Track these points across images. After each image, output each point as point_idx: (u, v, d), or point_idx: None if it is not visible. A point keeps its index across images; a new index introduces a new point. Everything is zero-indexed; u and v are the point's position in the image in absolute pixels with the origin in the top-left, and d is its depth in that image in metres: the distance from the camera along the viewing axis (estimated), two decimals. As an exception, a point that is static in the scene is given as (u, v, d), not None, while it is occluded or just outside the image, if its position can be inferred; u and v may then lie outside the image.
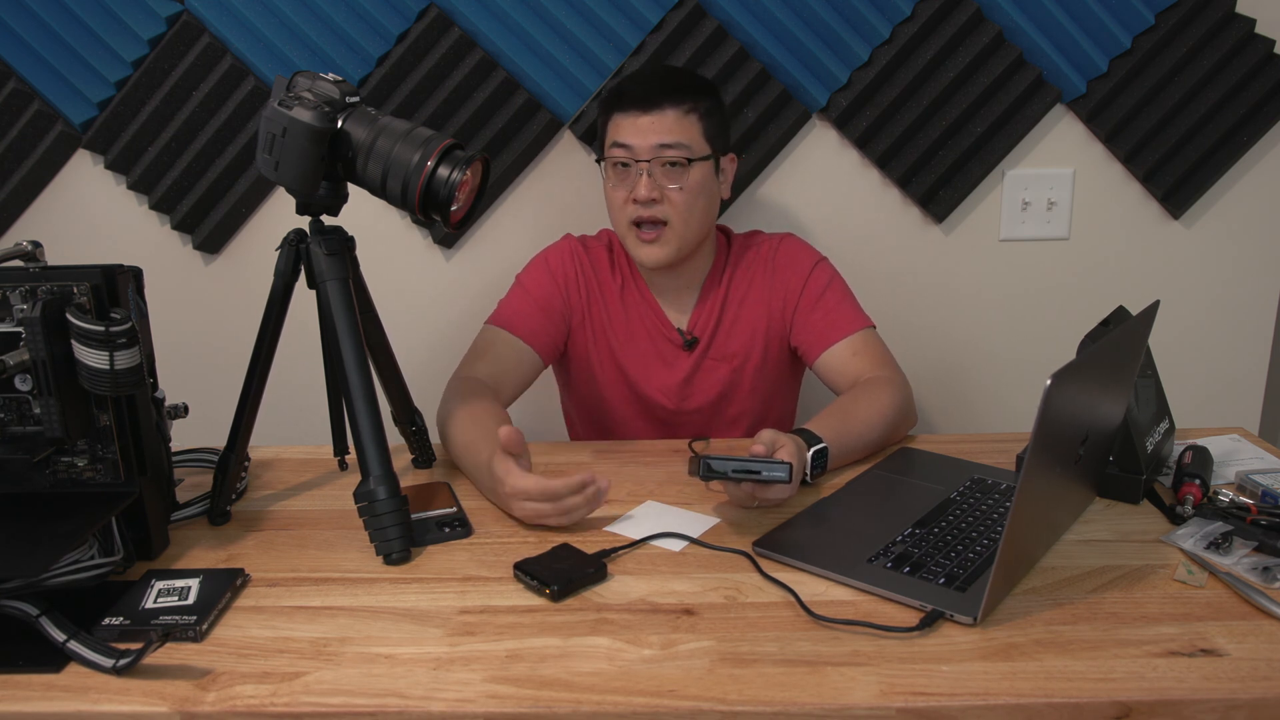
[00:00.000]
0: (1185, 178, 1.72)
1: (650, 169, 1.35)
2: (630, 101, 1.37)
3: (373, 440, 1.04)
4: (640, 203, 1.36)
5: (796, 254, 1.48)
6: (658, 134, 1.35)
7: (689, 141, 1.36)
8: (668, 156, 1.35)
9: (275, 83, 1.03)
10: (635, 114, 1.36)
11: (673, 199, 1.36)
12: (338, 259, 1.07)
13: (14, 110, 1.67)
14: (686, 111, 1.36)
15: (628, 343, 1.49)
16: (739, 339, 1.48)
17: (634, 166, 1.37)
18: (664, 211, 1.37)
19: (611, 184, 1.40)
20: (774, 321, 1.47)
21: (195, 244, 1.75)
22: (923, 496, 1.12)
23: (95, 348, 0.92)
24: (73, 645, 0.84)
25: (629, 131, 1.36)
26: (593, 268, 1.49)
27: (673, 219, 1.37)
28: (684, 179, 1.37)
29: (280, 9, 1.63)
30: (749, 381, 1.49)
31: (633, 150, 1.36)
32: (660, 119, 1.35)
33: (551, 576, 0.95)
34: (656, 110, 1.35)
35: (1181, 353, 1.82)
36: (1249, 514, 1.05)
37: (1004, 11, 1.63)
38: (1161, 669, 0.81)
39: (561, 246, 1.51)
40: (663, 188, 1.36)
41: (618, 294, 1.49)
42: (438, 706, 0.79)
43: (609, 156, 1.39)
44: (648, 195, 1.35)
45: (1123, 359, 1.02)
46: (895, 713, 0.77)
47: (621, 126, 1.37)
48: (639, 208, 1.37)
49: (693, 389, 1.49)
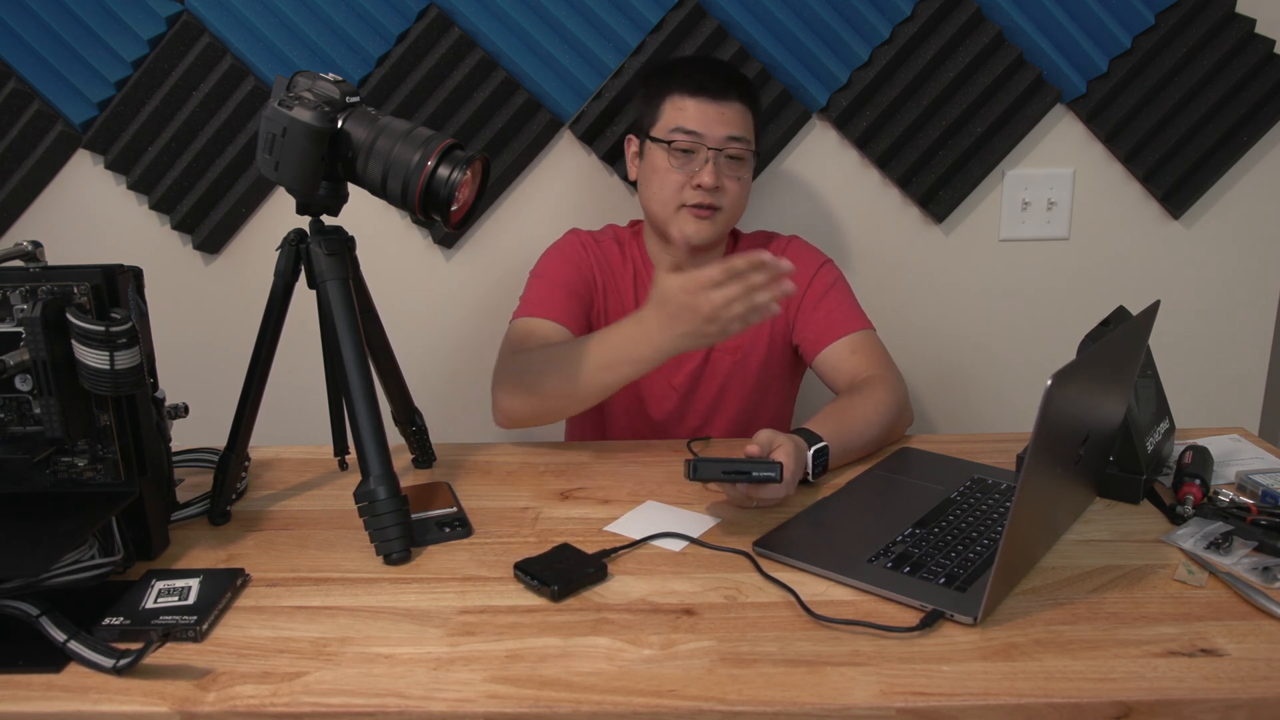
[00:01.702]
0: (1185, 178, 1.72)
1: (716, 157, 1.39)
2: (700, 88, 1.40)
3: (373, 440, 1.04)
4: (705, 189, 1.39)
5: (803, 254, 1.51)
6: (727, 125, 1.39)
7: (750, 136, 1.42)
8: (734, 150, 1.40)
9: (275, 83, 1.03)
10: (705, 101, 1.39)
11: (729, 189, 1.41)
12: (338, 259, 1.07)
13: (14, 110, 1.67)
14: (747, 107, 1.42)
15: None
16: (744, 333, 1.48)
17: (699, 153, 1.39)
18: (720, 199, 1.41)
19: (670, 165, 1.41)
20: (777, 319, 1.49)
21: (195, 244, 1.75)
22: (923, 496, 1.13)
23: (95, 348, 0.92)
24: (73, 645, 0.84)
25: (698, 119, 1.39)
26: (604, 257, 1.52)
27: (726, 207, 1.42)
28: (743, 171, 1.42)
29: (280, 9, 1.63)
30: (750, 376, 1.50)
31: (702, 138, 1.39)
32: (730, 110, 1.39)
33: (552, 576, 0.95)
34: (726, 101, 1.39)
35: (1181, 353, 1.82)
36: (1249, 514, 1.05)
37: (1004, 11, 1.63)
38: (1161, 669, 0.81)
39: (569, 238, 1.53)
40: (723, 177, 1.40)
41: (630, 284, 1.51)
42: (438, 706, 0.79)
43: (672, 140, 1.40)
44: (713, 183, 1.39)
45: (1123, 359, 1.02)
46: (895, 713, 0.77)
47: (689, 111, 1.39)
48: (701, 193, 1.40)
49: (696, 381, 1.51)
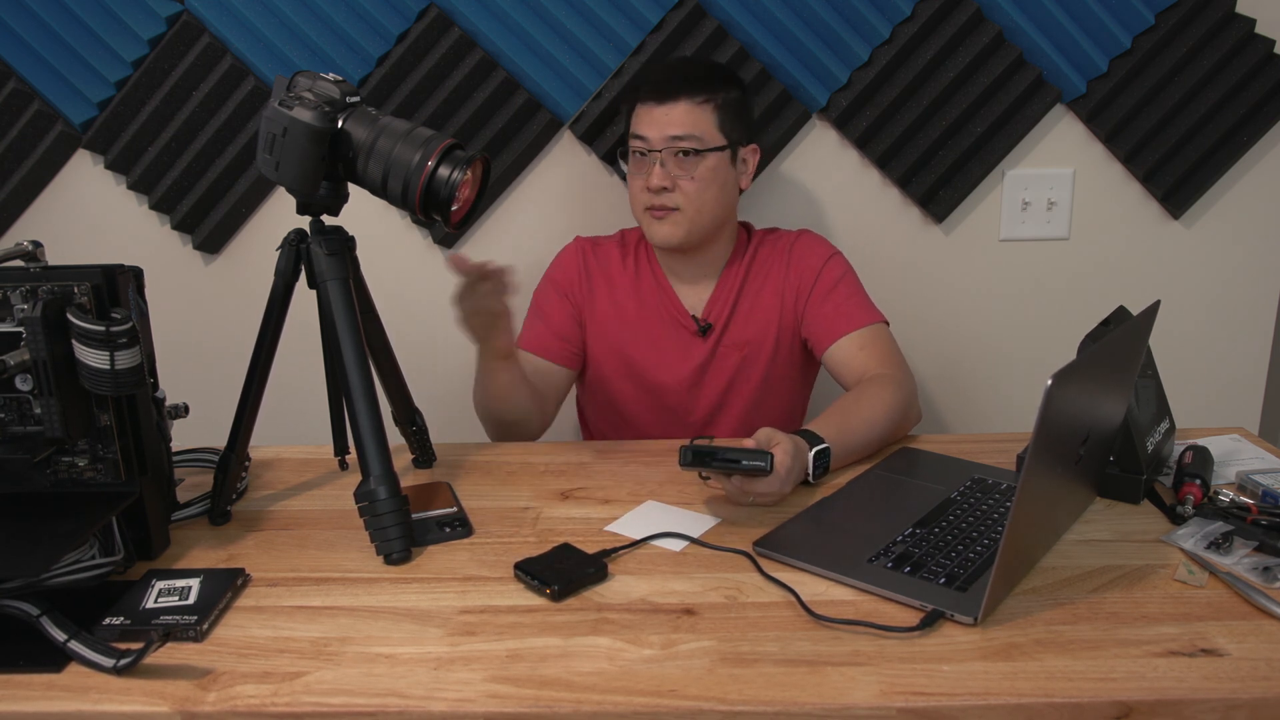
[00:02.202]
0: (1185, 178, 1.72)
1: (663, 159, 1.41)
2: (647, 93, 1.43)
3: (373, 440, 1.04)
4: (652, 190, 1.42)
5: (812, 247, 1.52)
6: (670, 125, 1.40)
7: (700, 133, 1.41)
8: (679, 147, 1.41)
9: (275, 83, 1.03)
10: (651, 105, 1.42)
11: (684, 188, 1.42)
12: (338, 259, 1.07)
13: (14, 110, 1.67)
14: (700, 103, 1.41)
15: (641, 332, 1.51)
16: (753, 327, 1.50)
17: (649, 156, 1.42)
18: (674, 199, 1.43)
19: (631, 172, 1.47)
20: (786, 312, 1.49)
21: (195, 244, 1.75)
22: (923, 496, 1.12)
23: (96, 348, 0.92)
24: (73, 645, 0.84)
25: (645, 122, 1.43)
26: (599, 264, 1.54)
27: (683, 206, 1.43)
28: (694, 169, 1.42)
29: (280, 9, 1.63)
30: (759, 371, 1.50)
31: (647, 141, 1.42)
32: (673, 110, 1.41)
33: (552, 576, 0.95)
34: (670, 102, 1.41)
35: (1181, 353, 1.82)
36: (1249, 514, 1.05)
37: (1004, 11, 1.63)
38: (1162, 669, 0.81)
39: (564, 254, 1.57)
40: (674, 177, 1.41)
41: (631, 284, 1.52)
42: (438, 706, 0.79)
43: (630, 147, 1.46)
44: (659, 184, 1.41)
45: (1123, 359, 1.02)
46: (896, 713, 0.78)
47: (639, 117, 1.44)
48: (651, 195, 1.43)
49: (704, 376, 1.51)
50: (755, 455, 1.05)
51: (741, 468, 1.05)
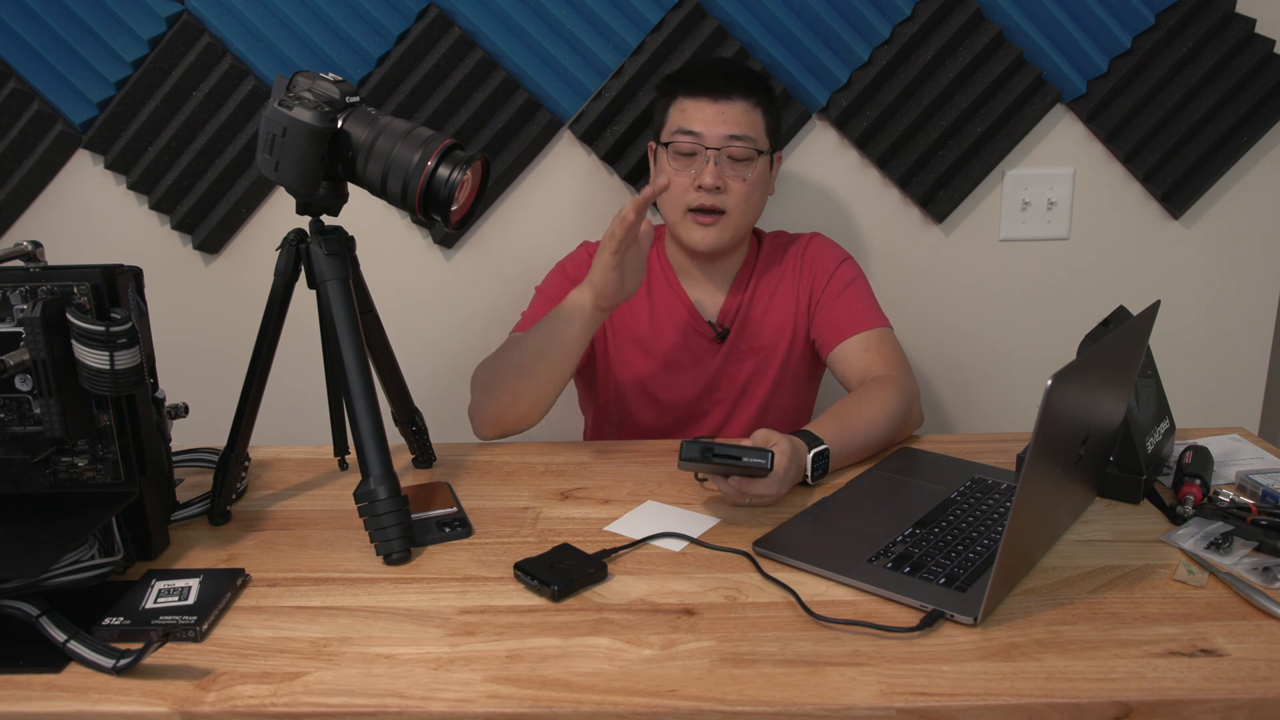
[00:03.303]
0: (1185, 178, 1.72)
1: (717, 158, 1.38)
2: (700, 88, 1.39)
3: (373, 440, 1.04)
4: (705, 189, 1.38)
5: (824, 250, 1.51)
6: (727, 125, 1.37)
7: (755, 135, 1.39)
8: (735, 148, 1.38)
9: (275, 83, 1.03)
10: (705, 101, 1.38)
11: (735, 190, 1.40)
12: (338, 259, 1.07)
13: (14, 110, 1.67)
14: (754, 105, 1.40)
15: (654, 337, 1.50)
16: (767, 332, 1.49)
17: (700, 154, 1.39)
18: (724, 201, 1.39)
19: (673, 169, 1.41)
20: (799, 315, 1.49)
21: (195, 244, 1.75)
22: (923, 496, 1.12)
23: (95, 348, 0.92)
24: (73, 645, 0.84)
25: (697, 119, 1.38)
26: None
27: (731, 209, 1.40)
28: (748, 171, 1.40)
29: (280, 9, 1.63)
30: (773, 375, 1.50)
31: (701, 138, 1.38)
32: (730, 109, 1.38)
33: (552, 576, 0.95)
34: (726, 100, 1.38)
35: (1181, 353, 1.81)
36: (1249, 514, 1.05)
37: (1004, 11, 1.63)
38: (1162, 669, 0.81)
39: (578, 253, 1.53)
40: (726, 178, 1.38)
41: (644, 290, 1.50)
42: (438, 706, 0.79)
43: (673, 142, 1.40)
44: (714, 183, 1.38)
45: (1123, 359, 1.02)
46: (895, 713, 0.78)
47: (689, 112, 1.39)
48: (703, 195, 1.39)
49: (718, 381, 1.51)
50: (756, 453, 1.05)
51: (742, 465, 1.05)
